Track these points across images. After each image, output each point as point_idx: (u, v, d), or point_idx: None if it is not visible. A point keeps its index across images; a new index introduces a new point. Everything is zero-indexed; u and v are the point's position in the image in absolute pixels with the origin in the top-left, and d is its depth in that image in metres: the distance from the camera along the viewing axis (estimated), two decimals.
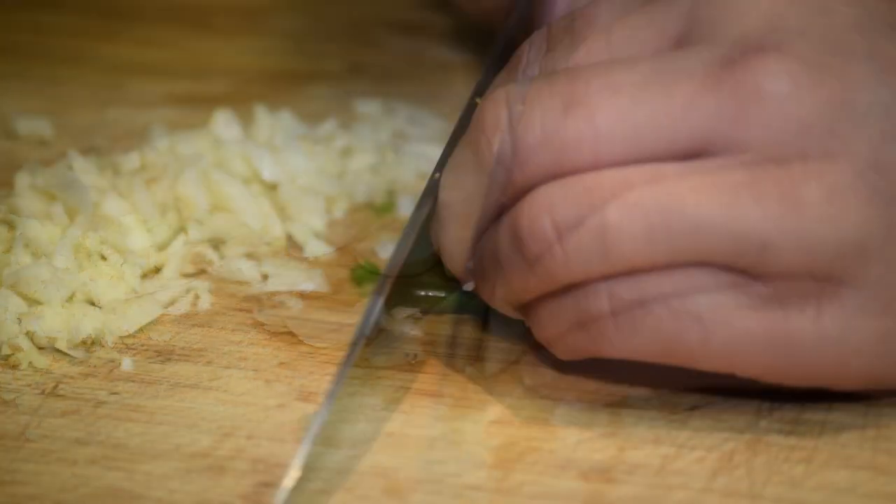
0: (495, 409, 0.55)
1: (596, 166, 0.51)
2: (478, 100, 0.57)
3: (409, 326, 0.60)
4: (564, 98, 0.51)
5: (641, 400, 0.56)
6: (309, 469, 0.52)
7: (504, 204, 0.53)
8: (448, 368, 0.58)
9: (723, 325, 0.51)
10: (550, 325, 0.54)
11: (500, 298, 0.55)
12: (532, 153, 0.51)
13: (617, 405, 0.55)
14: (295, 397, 0.56)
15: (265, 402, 0.56)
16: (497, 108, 0.52)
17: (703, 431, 0.54)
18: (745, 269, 0.50)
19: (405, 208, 0.69)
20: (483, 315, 0.60)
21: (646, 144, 0.51)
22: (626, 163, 0.51)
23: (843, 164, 0.50)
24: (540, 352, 0.58)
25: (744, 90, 0.50)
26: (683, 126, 0.51)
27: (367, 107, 0.78)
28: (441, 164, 0.57)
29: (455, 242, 0.56)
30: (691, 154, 0.51)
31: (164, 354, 0.59)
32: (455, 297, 0.60)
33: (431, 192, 0.56)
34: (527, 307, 0.55)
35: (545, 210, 0.51)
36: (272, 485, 0.52)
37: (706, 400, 0.55)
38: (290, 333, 0.60)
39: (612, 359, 0.53)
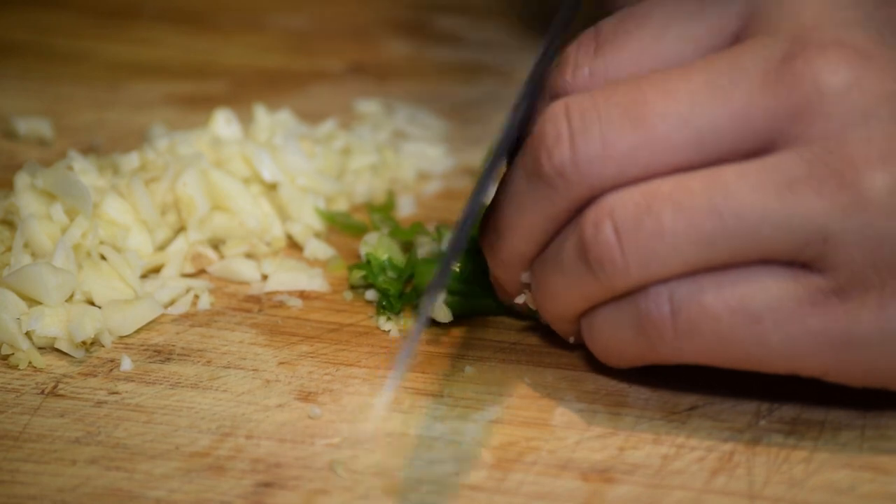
0: (495, 409, 0.55)
1: (657, 173, 0.51)
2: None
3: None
4: (623, 109, 0.51)
5: (641, 400, 0.56)
6: (309, 469, 0.52)
7: (567, 217, 0.53)
8: (448, 368, 0.58)
9: (783, 323, 0.50)
10: (608, 333, 0.53)
11: (557, 311, 0.55)
12: (593, 165, 0.51)
13: (617, 405, 0.55)
14: (295, 397, 0.56)
15: (265, 402, 0.56)
16: (557, 122, 0.52)
17: (703, 431, 0.54)
18: (806, 262, 0.50)
19: (405, 208, 0.69)
20: (483, 315, 0.60)
21: (708, 149, 0.51)
22: (689, 168, 0.51)
23: None
24: (540, 353, 0.58)
25: (803, 84, 0.50)
26: (745, 125, 0.50)
27: (367, 106, 0.78)
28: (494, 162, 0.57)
29: (511, 254, 0.56)
30: (754, 153, 0.51)
31: (164, 354, 0.59)
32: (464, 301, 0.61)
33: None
34: (583, 317, 0.55)
35: (607, 215, 0.51)
36: (272, 484, 0.52)
37: (706, 400, 0.55)
38: (290, 333, 0.60)
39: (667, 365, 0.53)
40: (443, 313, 0.59)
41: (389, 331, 0.60)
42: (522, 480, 0.52)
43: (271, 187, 0.67)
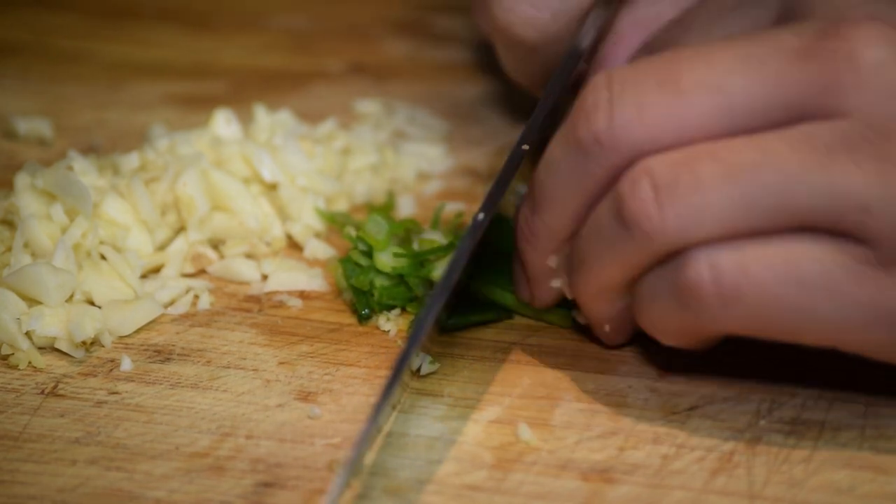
0: (495, 409, 0.55)
1: (692, 139, 0.51)
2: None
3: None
4: (659, 77, 0.52)
5: (641, 400, 0.56)
6: (308, 469, 0.52)
7: (602, 190, 0.53)
8: (448, 368, 0.58)
9: (828, 292, 0.50)
10: (652, 305, 0.53)
11: (596, 284, 0.54)
12: (627, 130, 0.51)
13: (617, 405, 0.55)
14: (294, 397, 0.56)
15: (265, 402, 0.56)
16: (597, 91, 0.52)
17: (703, 431, 0.54)
18: (847, 231, 0.50)
19: (405, 208, 0.69)
20: (484, 316, 0.60)
21: (740, 115, 0.51)
22: (722, 134, 0.51)
23: None
24: (540, 353, 0.58)
25: (839, 58, 0.50)
26: (778, 95, 0.51)
27: (367, 106, 0.78)
28: (526, 137, 0.57)
29: (545, 230, 0.55)
30: (786, 123, 0.51)
31: (164, 354, 0.59)
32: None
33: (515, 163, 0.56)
34: (630, 291, 0.54)
35: (645, 173, 0.51)
36: (272, 484, 0.52)
37: (706, 400, 0.55)
38: (290, 333, 0.60)
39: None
40: (426, 366, 0.58)
41: (389, 330, 0.60)
42: (522, 480, 0.52)
43: (271, 187, 0.67)
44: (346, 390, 0.57)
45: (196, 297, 0.62)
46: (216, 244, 0.65)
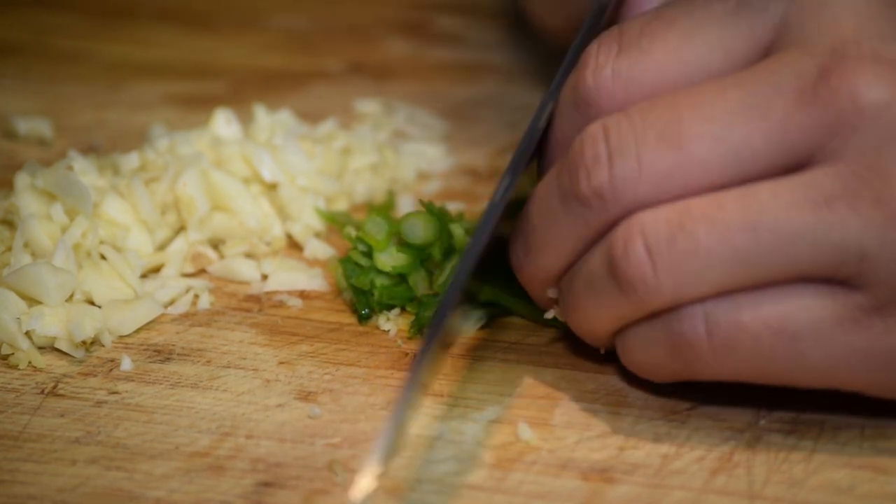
0: (495, 409, 0.55)
1: (694, 194, 0.51)
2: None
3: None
4: (659, 129, 0.51)
5: (641, 400, 0.56)
6: (309, 469, 0.52)
7: (598, 237, 0.53)
8: (448, 368, 0.58)
9: (823, 341, 0.50)
10: (642, 352, 0.53)
11: (589, 329, 0.54)
12: (629, 186, 0.51)
13: (617, 405, 0.55)
14: (294, 397, 0.56)
15: (265, 402, 0.56)
16: (596, 143, 0.52)
17: (703, 431, 0.54)
18: (843, 280, 0.49)
19: (405, 208, 0.69)
20: (483, 315, 0.60)
21: (745, 168, 0.50)
22: (726, 186, 0.50)
23: None
24: (540, 353, 0.58)
25: (839, 100, 0.49)
26: (781, 144, 0.50)
27: (367, 106, 0.78)
28: (553, 94, 0.56)
29: (539, 271, 0.55)
30: (790, 170, 0.50)
31: (164, 354, 0.59)
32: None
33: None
34: (617, 334, 0.54)
35: (638, 233, 0.50)
36: (272, 484, 0.52)
37: (706, 400, 0.55)
38: (290, 333, 0.60)
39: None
40: (470, 324, 0.58)
41: (389, 330, 0.60)
42: (522, 480, 0.52)
43: (271, 187, 0.67)
44: (346, 390, 0.57)
45: (196, 296, 0.62)
46: (216, 244, 0.65)
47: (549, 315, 0.57)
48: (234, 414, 0.55)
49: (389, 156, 0.72)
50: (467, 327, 0.58)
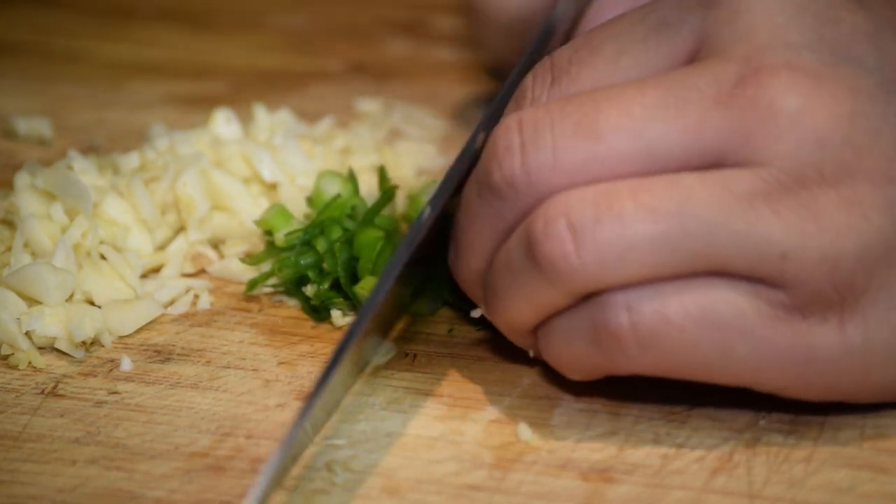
0: (495, 409, 0.55)
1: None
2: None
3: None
4: (576, 120, 0.51)
5: (641, 400, 0.56)
6: (308, 469, 0.52)
7: (514, 228, 0.53)
8: (448, 368, 0.58)
9: (744, 336, 0.50)
10: (564, 345, 0.53)
11: (509, 321, 0.54)
12: (543, 175, 0.51)
13: (617, 405, 0.55)
14: (294, 397, 0.56)
15: (265, 402, 0.56)
16: (509, 134, 0.52)
17: (703, 431, 0.54)
18: (765, 277, 0.50)
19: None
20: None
21: (658, 162, 0.51)
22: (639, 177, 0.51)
23: (859, 175, 0.50)
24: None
25: (756, 107, 0.50)
26: (696, 143, 0.50)
27: (367, 106, 0.78)
28: (487, 123, 0.57)
29: (469, 272, 0.55)
30: (705, 168, 0.50)
31: (164, 354, 0.59)
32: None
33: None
34: (538, 329, 0.54)
35: (561, 213, 0.50)
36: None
37: (706, 400, 0.55)
38: (290, 333, 0.60)
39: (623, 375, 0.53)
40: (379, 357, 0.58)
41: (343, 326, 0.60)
42: (522, 480, 0.52)
43: (271, 187, 0.67)
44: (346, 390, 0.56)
45: (196, 297, 0.62)
46: (216, 244, 0.65)
47: (476, 314, 0.57)
48: (234, 414, 0.55)
49: (388, 155, 0.72)
50: (378, 357, 0.58)
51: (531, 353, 0.56)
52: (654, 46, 0.53)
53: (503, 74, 0.69)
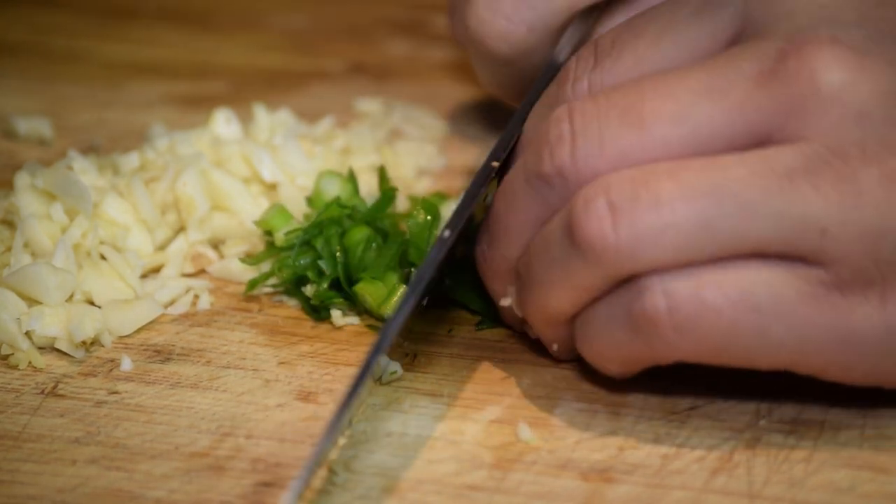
0: (495, 409, 0.55)
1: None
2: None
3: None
4: (621, 109, 0.51)
5: (641, 400, 0.56)
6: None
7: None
8: (448, 368, 0.58)
9: (783, 317, 0.50)
10: (602, 334, 0.53)
11: (544, 308, 0.54)
12: (590, 163, 0.51)
13: (617, 405, 0.55)
14: (294, 397, 0.56)
15: (265, 402, 0.56)
16: (560, 124, 0.52)
17: (703, 431, 0.54)
18: (805, 255, 0.50)
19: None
20: (482, 315, 0.60)
21: (703, 145, 0.51)
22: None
23: None
24: (539, 352, 0.58)
25: (799, 81, 0.50)
26: (741, 122, 0.50)
27: (367, 106, 0.78)
28: (497, 153, 0.57)
29: (501, 261, 0.55)
30: (749, 148, 0.51)
31: (164, 354, 0.59)
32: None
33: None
34: (575, 320, 0.54)
35: (601, 192, 0.50)
36: (272, 484, 0.52)
37: (706, 400, 0.55)
38: (290, 333, 0.60)
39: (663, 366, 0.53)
40: (387, 375, 0.58)
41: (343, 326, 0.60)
42: (522, 480, 0.52)
43: (271, 187, 0.67)
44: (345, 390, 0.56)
45: (196, 297, 0.62)
46: (216, 244, 0.65)
47: (506, 303, 0.57)
48: (234, 414, 0.55)
49: (388, 155, 0.72)
50: (387, 372, 0.57)
51: (554, 349, 0.56)
52: (696, 29, 0.53)
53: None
